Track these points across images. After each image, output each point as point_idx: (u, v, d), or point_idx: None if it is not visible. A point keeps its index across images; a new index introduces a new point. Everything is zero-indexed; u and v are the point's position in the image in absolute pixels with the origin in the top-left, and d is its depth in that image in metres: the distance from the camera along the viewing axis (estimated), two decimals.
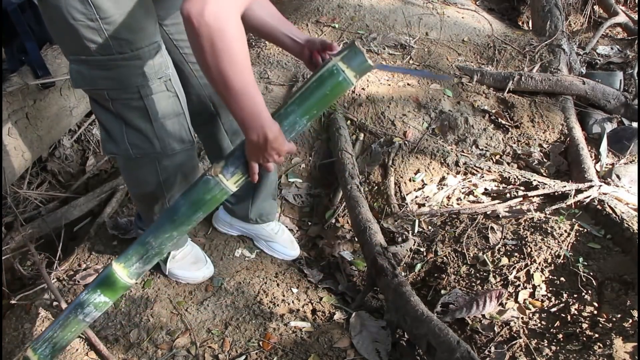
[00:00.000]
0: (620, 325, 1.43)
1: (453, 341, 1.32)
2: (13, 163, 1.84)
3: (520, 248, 1.71)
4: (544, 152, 2.34)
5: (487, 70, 2.67)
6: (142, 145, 1.32)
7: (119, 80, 1.20)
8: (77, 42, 1.14)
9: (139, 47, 1.18)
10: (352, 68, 1.23)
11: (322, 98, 1.25)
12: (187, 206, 1.30)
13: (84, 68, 1.19)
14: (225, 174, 1.28)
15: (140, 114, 1.27)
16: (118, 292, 1.40)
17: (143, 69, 1.20)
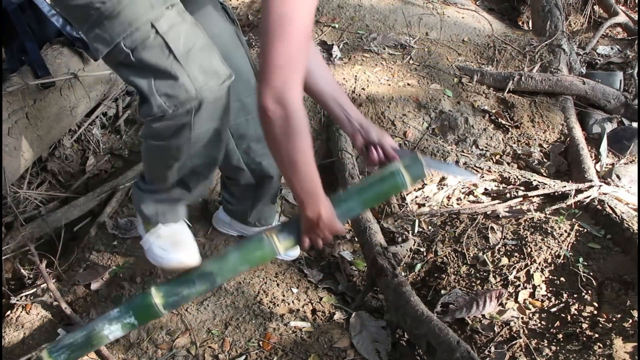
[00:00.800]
0: (620, 326, 1.43)
1: (453, 341, 1.32)
2: (13, 163, 1.84)
3: (520, 248, 1.71)
4: (544, 152, 2.34)
5: (487, 70, 2.67)
6: (173, 93, 1.17)
7: (130, 21, 1.11)
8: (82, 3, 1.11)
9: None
10: (410, 175, 1.42)
11: (379, 194, 1.45)
12: (237, 257, 1.40)
13: (97, 30, 1.13)
14: (280, 238, 1.40)
15: (162, 51, 1.14)
16: (147, 319, 1.44)
17: (149, 1, 1.12)
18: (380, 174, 1.44)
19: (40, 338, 1.59)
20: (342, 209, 1.41)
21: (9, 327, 1.61)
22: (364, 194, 1.44)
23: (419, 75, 2.65)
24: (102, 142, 2.37)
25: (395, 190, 1.52)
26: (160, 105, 1.18)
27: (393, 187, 1.44)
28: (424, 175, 1.48)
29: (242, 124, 1.54)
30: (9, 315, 1.64)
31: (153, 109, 1.18)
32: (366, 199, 1.44)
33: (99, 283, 1.75)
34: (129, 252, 1.86)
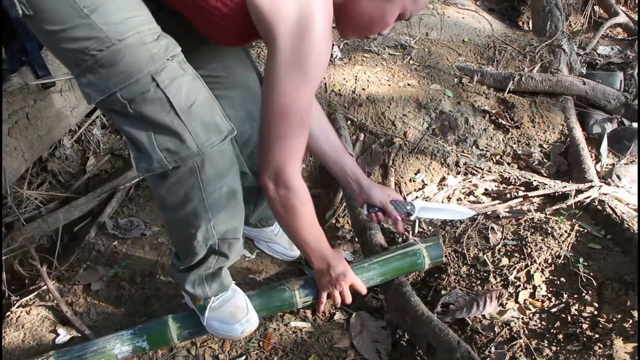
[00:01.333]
0: (621, 326, 1.43)
1: (453, 341, 1.32)
2: (13, 163, 1.84)
3: (520, 248, 1.71)
4: (544, 153, 2.33)
5: (487, 71, 2.67)
6: (174, 149, 1.12)
7: (129, 72, 1.06)
8: (74, 48, 1.04)
9: (140, 29, 1.06)
10: (430, 257, 1.63)
11: (398, 269, 1.59)
12: (257, 302, 1.52)
13: (91, 76, 1.07)
14: (301, 292, 1.55)
15: (162, 105, 1.09)
16: (159, 345, 1.50)
17: (150, 52, 1.06)
18: (403, 250, 1.62)
19: (40, 338, 1.59)
20: (363, 277, 1.56)
21: (9, 327, 1.61)
22: (385, 267, 1.58)
23: (419, 76, 2.65)
24: (102, 142, 2.37)
25: (414, 268, 1.65)
26: (160, 160, 1.13)
27: (412, 265, 1.62)
28: (442, 262, 1.68)
29: (246, 132, 1.54)
30: (9, 316, 1.64)
31: (153, 164, 1.13)
32: (386, 271, 1.58)
33: (99, 283, 1.75)
34: (129, 253, 1.86)
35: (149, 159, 1.13)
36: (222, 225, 1.28)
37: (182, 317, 1.50)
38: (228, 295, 1.47)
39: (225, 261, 1.40)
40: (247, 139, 1.56)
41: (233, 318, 1.44)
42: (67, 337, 1.59)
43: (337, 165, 1.53)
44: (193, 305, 1.48)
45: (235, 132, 1.18)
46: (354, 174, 1.53)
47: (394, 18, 1.16)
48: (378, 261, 1.59)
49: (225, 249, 1.35)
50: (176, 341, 1.49)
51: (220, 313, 1.44)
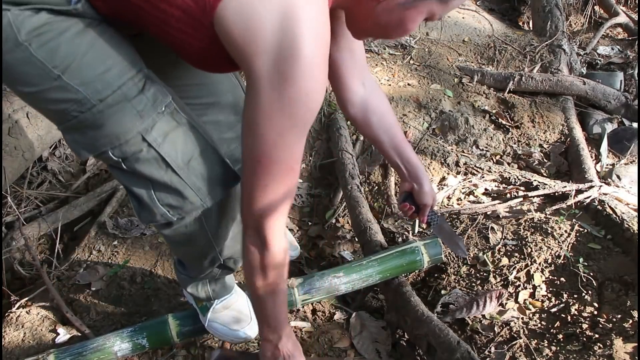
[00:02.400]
0: (621, 326, 1.43)
1: (453, 341, 1.32)
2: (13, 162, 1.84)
3: (520, 248, 1.71)
4: (545, 153, 2.33)
5: (487, 71, 2.67)
6: (177, 204, 1.06)
7: (116, 134, 0.95)
8: (53, 109, 0.95)
9: (121, 84, 0.94)
10: (429, 255, 1.62)
11: (397, 267, 1.58)
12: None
13: (76, 135, 0.98)
14: (300, 290, 1.54)
15: (157, 164, 1.01)
16: (159, 344, 1.50)
17: (136, 109, 0.95)
18: (401, 248, 1.61)
19: (40, 338, 1.59)
20: (362, 275, 1.55)
21: (9, 326, 1.61)
22: (384, 264, 1.57)
23: (420, 76, 2.65)
24: None
25: (413, 267, 1.63)
26: (163, 214, 1.07)
27: (411, 263, 1.60)
28: (441, 260, 1.67)
29: (236, 150, 1.41)
30: (9, 315, 1.64)
31: (156, 217, 1.08)
32: (385, 268, 1.57)
33: (99, 283, 1.75)
34: (129, 252, 1.86)
35: (151, 212, 1.07)
36: (228, 250, 1.27)
37: (182, 316, 1.50)
38: (232, 298, 1.47)
39: (230, 273, 1.41)
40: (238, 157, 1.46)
41: (237, 324, 1.44)
42: (67, 336, 1.59)
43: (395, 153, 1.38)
44: (194, 304, 1.49)
45: (239, 178, 1.08)
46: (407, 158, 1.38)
47: (416, 24, 0.97)
48: (377, 259, 1.58)
49: (230, 265, 1.35)
50: (176, 340, 1.48)
51: (223, 316, 1.44)
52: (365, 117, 1.34)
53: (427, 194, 1.40)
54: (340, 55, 1.25)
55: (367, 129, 1.36)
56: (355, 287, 1.58)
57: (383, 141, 1.37)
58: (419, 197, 1.41)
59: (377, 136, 1.37)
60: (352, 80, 1.31)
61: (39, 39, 0.87)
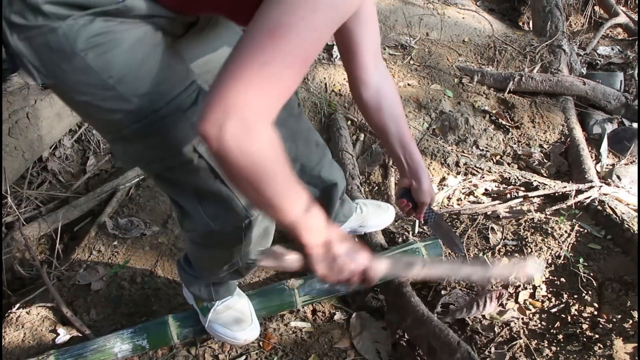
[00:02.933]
0: (621, 326, 1.43)
1: (453, 342, 1.32)
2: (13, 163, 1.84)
3: (520, 248, 1.71)
4: (545, 153, 2.33)
5: (487, 71, 2.66)
6: (222, 215, 1.05)
7: (168, 145, 0.95)
8: (105, 118, 0.94)
9: (175, 95, 0.93)
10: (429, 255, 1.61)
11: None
12: (257, 301, 1.51)
13: (126, 145, 0.98)
14: (300, 291, 1.55)
15: (207, 175, 1.00)
16: (159, 345, 1.50)
17: (190, 120, 0.94)
18: (402, 249, 1.60)
19: (40, 338, 1.59)
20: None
21: (9, 326, 1.61)
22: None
23: (420, 76, 2.65)
24: (102, 142, 2.37)
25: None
26: (207, 225, 1.07)
27: None
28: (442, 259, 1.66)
29: (291, 147, 1.43)
30: (9, 315, 1.64)
31: (199, 227, 1.08)
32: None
33: (99, 283, 1.75)
34: (129, 252, 1.86)
35: (194, 222, 1.07)
36: (250, 256, 1.27)
37: (182, 317, 1.51)
38: (233, 300, 1.47)
39: (239, 278, 1.42)
40: (293, 156, 1.43)
41: (237, 325, 1.44)
42: (67, 336, 1.59)
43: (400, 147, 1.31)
44: (195, 305, 1.48)
45: None
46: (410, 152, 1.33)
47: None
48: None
49: (243, 271, 1.36)
50: (176, 341, 1.49)
51: (224, 318, 1.44)
52: (378, 103, 1.25)
53: (426, 192, 1.35)
54: (360, 29, 1.17)
55: (377, 115, 1.27)
56: (355, 287, 1.58)
57: (390, 132, 1.29)
58: (417, 194, 1.36)
59: (385, 126, 1.28)
60: (369, 59, 1.23)
61: (95, 50, 0.86)
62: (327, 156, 1.57)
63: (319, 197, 1.59)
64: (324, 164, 1.54)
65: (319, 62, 2.60)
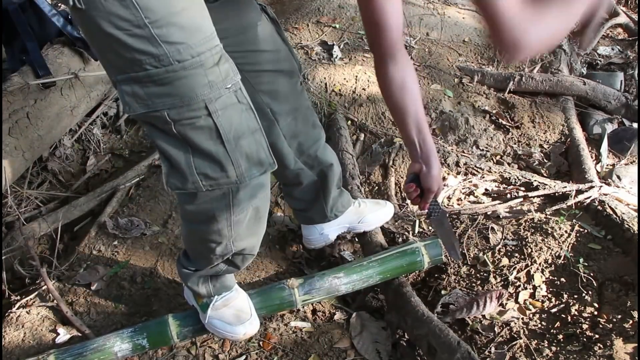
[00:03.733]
0: (621, 326, 1.43)
1: (453, 342, 1.32)
2: (14, 162, 1.84)
3: (520, 248, 1.71)
4: (545, 153, 2.33)
5: (487, 71, 2.66)
6: (213, 175, 1.09)
7: (181, 96, 0.99)
8: (126, 56, 0.95)
9: (201, 52, 0.97)
10: (429, 255, 1.61)
11: (397, 267, 1.58)
12: (256, 300, 1.51)
13: (137, 88, 0.98)
14: (300, 291, 1.53)
15: (209, 134, 1.04)
16: (159, 344, 1.50)
17: (208, 78, 0.99)
18: (402, 248, 1.60)
19: (40, 338, 1.59)
20: (363, 275, 1.55)
21: (9, 326, 1.61)
22: (385, 265, 1.57)
23: (420, 76, 2.65)
24: (102, 142, 2.37)
25: (413, 268, 1.63)
26: (195, 182, 1.09)
27: (411, 263, 1.60)
28: (441, 260, 1.65)
29: (291, 123, 1.50)
30: (9, 315, 1.64)
31: (187, 184, 1.10)
32: (385, 269, 1.57)
33: (99, 283, 1.75)
34: (129, 252, 1.86)
35: (183, 178, 1.09)
36: (242, 242, 1.28)
37: (182, 316, 1.51)
38: (232, 295, 1.47)
39: (235, 270, 1.42)
40: (293, 131, 1.51)
41: (236, 320, 1.44)
42: (67, 336, 1.59)
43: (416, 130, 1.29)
44: (195, 302, 1.48)
45: (275, 166, 1.14)
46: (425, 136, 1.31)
47: None
48: (377, 259, 1.59)
49: (238, 262, 1.36)
50: (176, 340, 1.49)
51: (223, 313, 1.44)
52: (403, 80, 1.25)
53: (435, 178, 1.32)
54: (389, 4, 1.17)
55: (399, 93, 1.26)
56: (355, 288, 1.58)
57: (409, 112, 1.27)
58: (426, 180, 1.32)
59: (406, 105, 1.27)
60: (398, 35, 1.21)
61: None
62: (322, 138, 1.62)
63: (315, 179, 1.61)
64: (320, 144, 1.59)
65: (319, 62, 2.61)
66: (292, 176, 1.61)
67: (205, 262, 1.34)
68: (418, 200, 1.37)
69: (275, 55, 1.40)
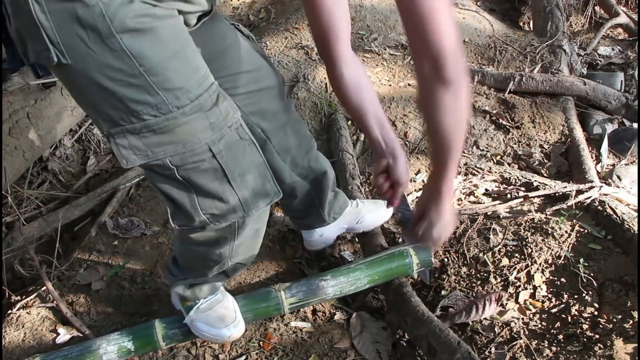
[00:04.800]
0: (621, 327, 1.43)
1: (454, 342, 1.32)
2: (14, 162, 1.84)
3: (520, 249, 1.71)
4: (545, 153, 2.33)
5: (488, 71, 2.66)
6: (220, 213, 1.08)
7: (184, 142, 0.95)
8: (121, 108, 0.90)
9: (199, 94, 0.94)
10: (418, 257, 1.56)
11: (386, 270, 1.55)
12: (242, 305, 1.49)
13: (134, 139, 0.94)
14: (287, 293, 1.52)
15: (215, 175, 1.03)
16: (145, 348, 1.47)
17: (209, 120, 0.96)
18: (390, 251, 1.57)
19: (40, 338, 1.59)
20: (350, 277, 1.53)
21: (9, 326, 1.61)
22: (372, 268, 1.54)
23: None
24: (102, 142, 2.37)
25: (402, 271, 1.57)
26: (203, 221, 1.09)
27: (400, 266, 1.55)
28: (430, 264, 1.61)
29: (282, 139, 1.47)
30: (9, 315, 1.64)
31: (194, 223, 1.09)
32: (374, 272, 1.54)
33: (99, 283, 1.75)
34: (129, 252, 1.86)
35: (189, 218, 1.08)
36: (239, 257, 1.29)
37: (168, 319, 1.49)
38: (217, 298, 1.46)
39: (225, 279, 1.43)
40: (285, 145, 1.48)
41: (221, 322, 1.43)
42: (67, 336, 1.59)
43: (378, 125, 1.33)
44: (180, 306, 1.48)
45: (281, 194, 1.13)
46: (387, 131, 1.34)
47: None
48: (365, 262, 1.57)
49: (230, 272, 1.38)
50: (162, 343, 1.46)
51: (208, 315, 1.43)
52: (357, 80, 1.25)
53: (402, 170, 1.34)
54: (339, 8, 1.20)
55: (356, 93, 1.26)
56: (343, 291, 1.56)
57: (369, 110, 1.30)
58: (394, 172, 1.34)
59: (364, 104, 1.29)
60: (348, 37, 1.23)
61: (133, 34, 0.85)
62: (314, 147, 1.60)
63: (310, 188, 1.59)
64: (312, 155, 1.57)
65: (319, 61, 2.60)
66: (289, 190, 1.57)
67: (197, 274, 1.35)
68: (390, 193, 1.38)
69: (256, 74, 1.35)
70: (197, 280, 1.40)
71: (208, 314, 1.43)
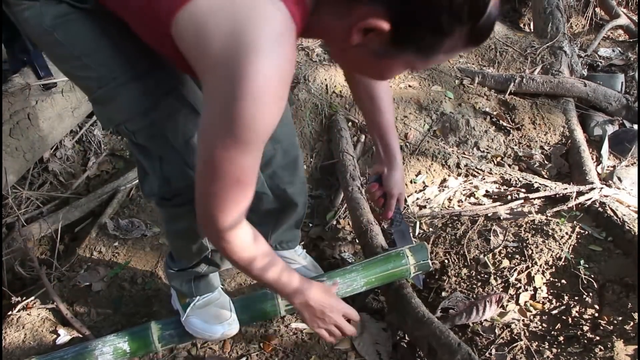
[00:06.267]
0: (621, 328, 1.42)
1: (454, 343, 1.32)
2: (14, 163, 1.84)
3: (521, 250, 1.71)
4: (545, 154, 2.33)
5: (488, 72, 2.67)
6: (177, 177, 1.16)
7: (127, 108, 1.08)
8: (82, 84, 1.14)
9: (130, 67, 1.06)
10: (415, 259, 1.52)
11: (383, 272, 1.51)
12: (239, 307, 1.48)
13: (100, 108, 1.13)
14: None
15: (163, 141, 1.12)
16: (140, 350, 1.46)
17: (143, 89, 1.07)
18: (387, 253, 1.55)
19: (40, 339, 1.59)
20: (345, 279, 1.49)
21: (10, 327, 1.61)
22: (368, 270, 1.51)
23: (420, 77, 2.65)
24: (103, 143, 2.37)
25: (399, 273, 1.54)
26: (161, 186, 1.17)
27: (397, 268, 1.52)
28: (428, 266, 1.56)
29: (268, 151, 1.43)
30: (9, 316, 1.64)
31: (154, 189, 1.19)
32: (369, 274, 1.51)
33: (100, 284, 1.75)
34: (129, 253, 1.86)
35: (151, 184, 1.19)
36: None
37: (165, 321, 1.49)
38: (214, 296, 1.48)
39: (216, 270, 1.43)
40: (269, 159, 1.45)
41: (216, 319, 1.44)
42: (67, 337, 1.59)
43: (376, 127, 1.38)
44: (178, 304, 1.49)
45: None
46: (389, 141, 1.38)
47: (393, 73, 0.98)
48: (361, 263, 1.54)
49: (217, 260, 1.38)
50: (157, 345, 1.45)
51: (204, 313, 1.44)
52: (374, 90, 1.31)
53: (395, 181, 1.38)
54: None
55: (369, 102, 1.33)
56: (339, 292, 1.52)
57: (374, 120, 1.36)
58: (387, 182, 1.38)
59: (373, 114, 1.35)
60: None
61: (62, 27, 1.02)
62: (299, 175, 1.54)
63: (274, 207, 1.54)
64: (294, 185, 1.52)
65: (319, 63, 2.61)
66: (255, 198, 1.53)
67: (185, 260, 1.37)
68: (381, 202, 1.43)
69: None
70: (191, 273, 1.40)
71: (203, 311, 1.44)
